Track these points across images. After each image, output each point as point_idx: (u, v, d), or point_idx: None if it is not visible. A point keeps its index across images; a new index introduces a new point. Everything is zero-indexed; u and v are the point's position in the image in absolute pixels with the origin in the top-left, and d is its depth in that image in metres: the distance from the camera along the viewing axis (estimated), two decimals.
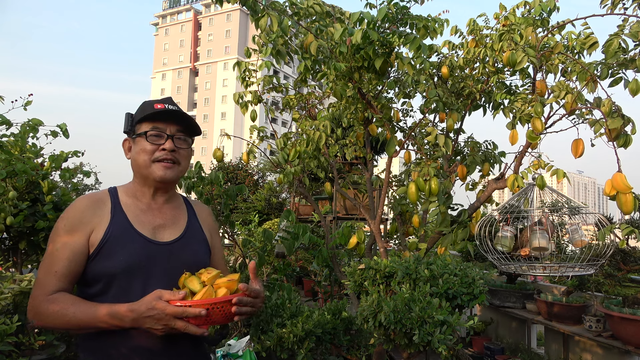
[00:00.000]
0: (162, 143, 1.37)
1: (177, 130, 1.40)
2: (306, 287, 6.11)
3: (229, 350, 2.60)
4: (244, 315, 1.23)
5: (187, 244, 1.41)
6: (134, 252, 1.30)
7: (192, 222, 1.48)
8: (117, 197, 1.39)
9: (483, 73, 2.95)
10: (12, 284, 2.81)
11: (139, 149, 1.37)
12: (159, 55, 78.62)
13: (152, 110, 1.37)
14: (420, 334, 1.89)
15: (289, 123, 3.87)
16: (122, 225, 1.32)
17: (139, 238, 1.33)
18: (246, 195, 10.11)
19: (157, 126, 1.37)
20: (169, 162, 1.37)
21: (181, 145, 1.41)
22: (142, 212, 1.38)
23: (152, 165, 1.36)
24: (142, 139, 1.37)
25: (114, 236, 1.30)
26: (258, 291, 1.28)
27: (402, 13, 2.40)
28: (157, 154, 1.36)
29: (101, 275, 1.28)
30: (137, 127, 1.39)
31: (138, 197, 1.41)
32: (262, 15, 2.31)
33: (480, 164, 3.10)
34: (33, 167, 3.17)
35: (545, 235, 2.76)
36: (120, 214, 1.35)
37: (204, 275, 1.26)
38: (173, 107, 1.40)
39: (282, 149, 3.22)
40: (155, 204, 1.42)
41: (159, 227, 1.38)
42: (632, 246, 3.70)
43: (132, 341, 1.26)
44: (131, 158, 1.41)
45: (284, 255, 4.16)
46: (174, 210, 1.46)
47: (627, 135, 2.22)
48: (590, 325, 3.58)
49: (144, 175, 1.38)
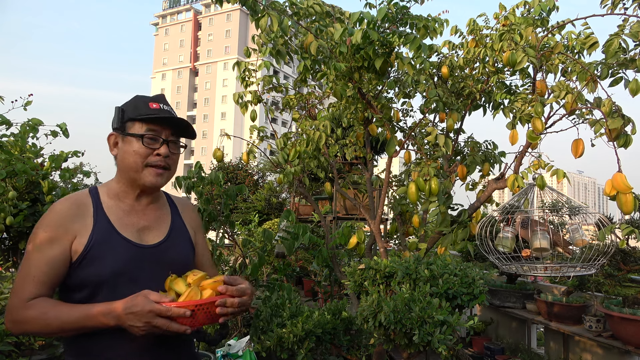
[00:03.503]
0: (156, 147, 1.32)
1: (171, 134, 1.36)
2: (306, 287, 6.11)
3: (229, 350, 2.61)
4: (229, 316, 1.22)
5: (172, 245, 1.39)
6: (119, 258, 1.27)
7: (175, 221, 1.45)
8: (98, 199, 1.33)
9: (483, 73, 2.95)
10: (12, 284, 2.82)
11: (131, 150, 1.31)
12: (159, 55, 78.63)
13: (148, 111, 1.32)
14: (420, 334, 1.89)
15: (289, 123, 3.87)
16: (106, 230, 1.28)
17: (124, 242, 1.29)
18: (246, 195, 10.11)
19: (153, 129, 1.32)
20: (161, 168, 1.33)
21: (175, 151, 1.38)
22: (125, 214, 1.34)
23: (144, 170, 1.31)
24: (135, 140, 1.31)
25: (98, 242, 1.26)
26: (242, 289, 1.24)
27: (402, 13, 2.40)
28: (151, 158, 1.31)
29: (87, 282, 1.25)
30: (129, 124, 1.32)
31: (121, 198, 1.36)
32: (262, 15, 2.31)
33: (480, 164, 3.10)
34: (33, 167, 3.17)
35: (546, 235, 2.76)
36: (103, 218, 1.30)
37: (189, 277, 1.25)
38: (168, 108, 1.37)
39: (282, 149, 3.22)
40: (139, 205, 1.38)
41: (143, 230, 1.35)
42: (632, 246, 3.70)
43: (120, 341, 1.25)
44: (119, 156, 1.34)
45: (284, 255, 4.17)
46: (157, 210, 1.42)
47: (627, 135, 2.22)
48: (590, 325, 3.58)
49: (132, 177, 1.33)
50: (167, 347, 1.33)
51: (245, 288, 1.26)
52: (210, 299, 1.19)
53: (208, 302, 1.18)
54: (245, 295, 1.25)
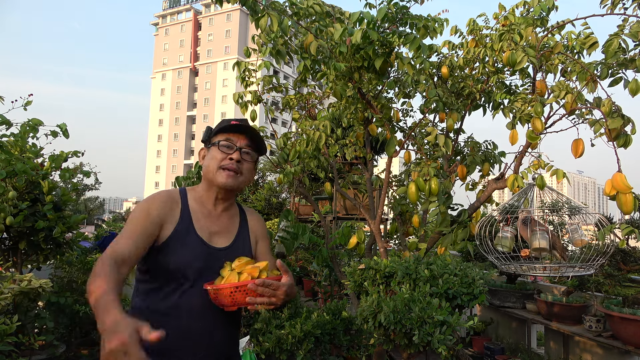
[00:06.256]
0: (230, 153, 1.54)
1: (246, 145, 1.57)
2: (306, 287, 6.11)
3: None
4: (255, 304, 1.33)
5: (234, 252, 1.56)
6: (192, 252, 1.46)
7: (242, 231, 1.65)
8: (186, 199, 1.56)
9: (483, 73, 2.95)
10: (12, 284, 2.82)
11: (211, 157, 1.56)
12: (159, 55, 78.60)
13: (228, 124, 1.56)
14: (420, 334, 1.89)
15: (289, 123, 3.87)
16: (187, 227, 1.49)
17: (198, 240, 1.49)
18: (246, 195, 10.10)
19: (230, 137, 1.56)
20: (232, 171, 1.53)
21: (247, 159, 1.58)
22: (203, 216, 1.55)
23: (218, 172, 1.53)
24: (215, 148, 1.55)
25: (178, 235, 1.46)
26: (277, 284, 1.36)
27: (401, 13, 2.40)
28: (225, 162, 1.53)
29: (160, 269, 1.44)
30: (213, 138, 1.58)
31: (202, 202, 1.58)
32: (262, 15, 2.31)
33: (480, 164, 3.09)
34: (33, 167, 3.17)
35: (545, 235, 2.76)
36: (187, 216, 1.52)
37: (235, 263, 1.46)
38: (247, 125, 1.59)
39: (282, 149, 3.22)
40: (215, 212, 1.59)
41: (213, 234, 1.55)
42: (632, 246, 3.70)
43: (173, 323, 1.40)
44: (203, 165, 1.59)
45: (284, 255, 4.16)
46: (229, 219, 1.62)
47: (627, 135, 2.22)
48: (590, 325, 3.58)
49: (209, 180, 1.55)
50: (218, 336, 1.50)
51: (281, 284, 1.37)
52: (233, 284, 1.34)
53: (230, 286, 1.34)
54: (278, 290, 1.36)
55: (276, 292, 1.35)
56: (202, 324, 1.45)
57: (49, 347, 2.92)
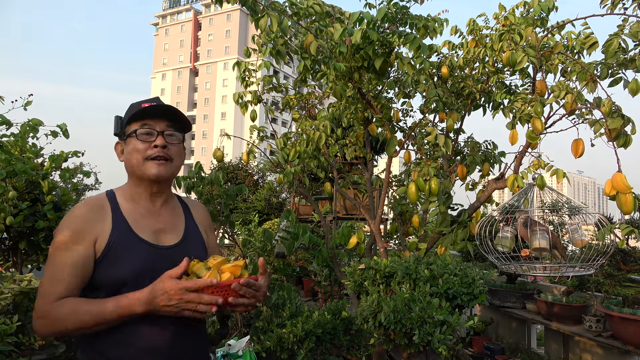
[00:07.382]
0: (152, 140, 1.36)
1: (166, 126, 1.39)
2: (306, 287, 6.11)
3: (229, 350, 2.60)
4: (239, 306, 1.25)
5: (187, 247, 1.42)
6: (137, 259, 1.30)
7: (189, 224, 1.50)
8: (116, 201, 1.38)
9: (483, 73, 2.95)
10: (12, 284, 2.82)
11: (131, 149, 1.36)
12: (159, 55, 78.60)
13: (140, 109, 1.37)
14: (420, 334, 1.89)
15: (289, 123, 3.87)
16: (124, 232, 1.32)
17: (142, 244, 1.33)
18: (246, 195, 10.10)
19: (146, 123, 1.37)
20: (161, 159, 1.36)
21: (172, 141, 1.40)
22: (141, 216, 1.38)
23: (145, 164, 1.35)
24: (133, 139, 1.36)
25: (117, 243, 1.30)
26: (258, 285, 1.28)
27: (401, 13, 2.40)
28: (149, 152, 1.35)
29: (108, 282, 1.28)
30: (127, 128, 1.39)
31: (136, 200, 1.40)
32: (262, 15, 2.31)
33: (480, 164, 3.10)
34: (33, 167, 3.17)
35: (545, 235, 2.76)
36: (121, 220, 1.34)
37: (210, 261, 1.30)
38: (162, 104, 1.40)
39: (282, 149, 3.22)
40: (154, 208, 1.42)
41: (159, 232, 1.39)
42: (632, 246, 3.69)
43: (134, 340, 1.27)
44: (124, 160, 1.40)
45: (284, 255, 4.16)
46: (171, 213, 1.46)
47: (627, 135, 2.22)
48: (590, 325, 3.58)
49: (138, 175, 1.38)
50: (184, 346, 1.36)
51: (260, 285, 1.29)
52: (229, 282, 1.23)
53: (226, 284, 1.22)
54: (259, 291, 1.28)
55: (257, 292, 1.27)
56: (167, 334, 1.30)
57: (49, 347, 2.91)
